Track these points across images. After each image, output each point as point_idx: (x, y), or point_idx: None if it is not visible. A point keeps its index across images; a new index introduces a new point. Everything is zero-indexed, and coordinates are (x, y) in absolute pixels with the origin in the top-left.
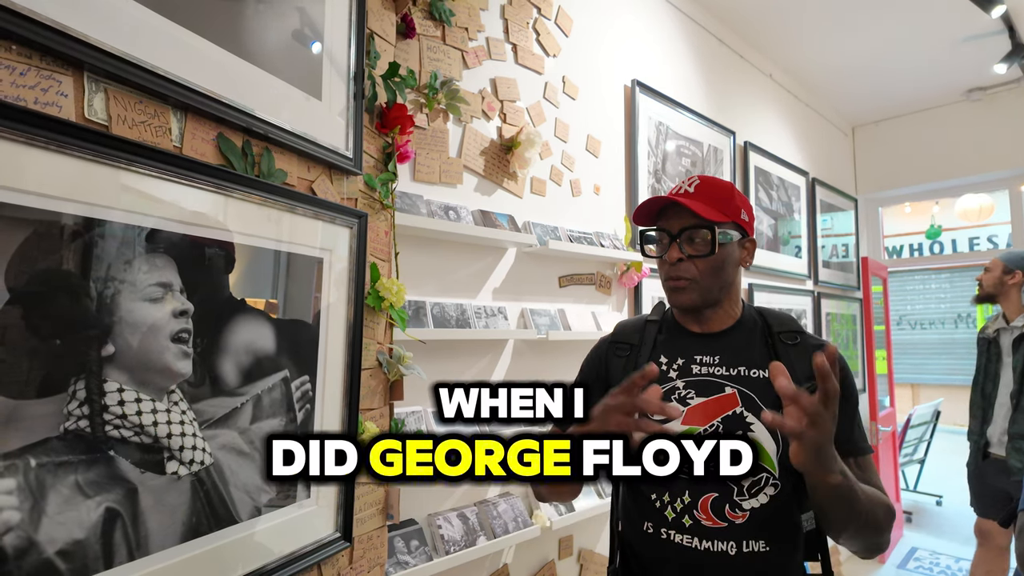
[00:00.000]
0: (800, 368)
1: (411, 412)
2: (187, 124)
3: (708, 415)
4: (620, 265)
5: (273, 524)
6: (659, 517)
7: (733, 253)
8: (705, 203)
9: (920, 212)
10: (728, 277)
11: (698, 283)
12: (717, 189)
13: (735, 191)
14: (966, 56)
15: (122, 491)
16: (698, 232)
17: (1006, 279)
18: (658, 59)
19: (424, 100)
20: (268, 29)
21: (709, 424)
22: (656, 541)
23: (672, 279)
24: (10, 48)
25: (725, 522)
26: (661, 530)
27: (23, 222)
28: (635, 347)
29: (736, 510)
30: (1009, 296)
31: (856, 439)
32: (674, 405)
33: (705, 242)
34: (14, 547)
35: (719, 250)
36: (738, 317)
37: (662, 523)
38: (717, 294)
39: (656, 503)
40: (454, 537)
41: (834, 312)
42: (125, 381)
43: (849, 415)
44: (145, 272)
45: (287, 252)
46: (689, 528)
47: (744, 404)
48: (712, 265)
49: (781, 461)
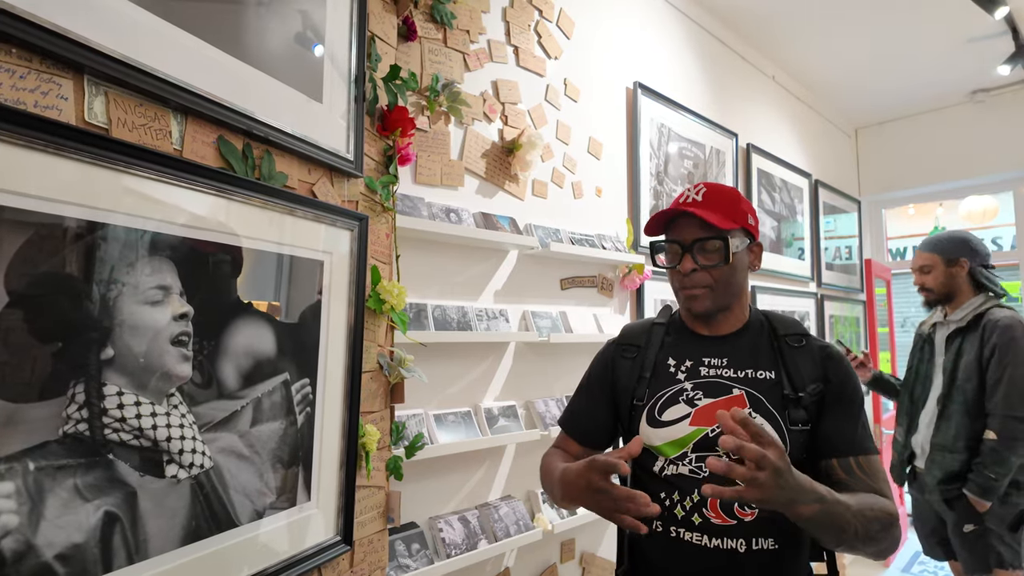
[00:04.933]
0: (806, 370)
1: (412, 415)
2: (188, 127)
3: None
4: (622, 267)
5: (273, 527)
6: (668, 516)
7: (743, 259)
8: (714, 211)
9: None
10: (740, 282)
11: (713, 291)
12: (724, 196)
13: (740, 196)
14: (970, 57)
15: (121, 495)
16: (711, 243)
17: (953, 271)
18: (660, 61)
19: (425, 102)
20: (269, 32)
21: (717, 424)
22: (665, 540)
23: (687, 288)
24: (10, 51)
25: (734, 519)
26: (671, 528)
27: (23, 225)
28: (641, 349)
29: (745, 507)
30: (962, 289)
31: (860, 439)
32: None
33: (718, 252)
34: (12, 551)
35: (732, 259)
36: (746, 320)
37: (671, 522)
38: (730, 299)
39: (666, 502)
40: (455, 540)
41: (837, 315)
42: (124, 384)
43: (853, 416)
44: (145, 275)
45: (287, 255)
46: (699, 526)
47: (752, 405)
48: (725, 275)
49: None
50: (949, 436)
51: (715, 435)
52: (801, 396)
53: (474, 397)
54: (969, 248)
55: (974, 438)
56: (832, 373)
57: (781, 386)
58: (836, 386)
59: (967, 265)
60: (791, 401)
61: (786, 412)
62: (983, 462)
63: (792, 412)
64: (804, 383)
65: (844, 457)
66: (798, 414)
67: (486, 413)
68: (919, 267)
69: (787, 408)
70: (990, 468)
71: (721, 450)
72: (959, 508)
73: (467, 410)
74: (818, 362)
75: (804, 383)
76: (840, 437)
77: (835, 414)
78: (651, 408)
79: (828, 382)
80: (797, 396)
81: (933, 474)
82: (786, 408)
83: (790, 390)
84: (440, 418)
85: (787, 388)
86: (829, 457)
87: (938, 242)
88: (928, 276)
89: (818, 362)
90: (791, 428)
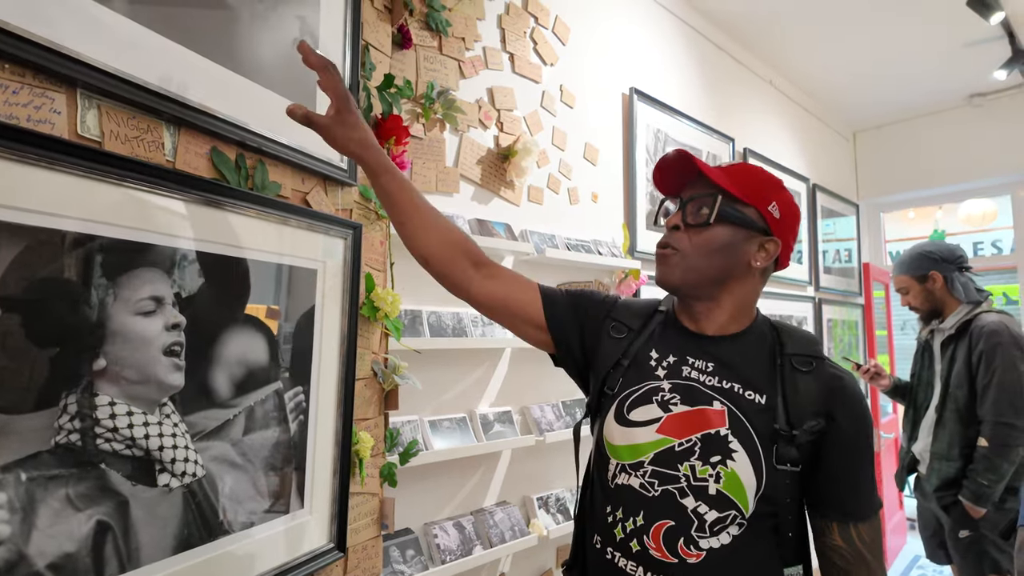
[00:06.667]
0: (807, 400)
1: (407, 421)
2: (180, 138)
3: (687, 428)
4: (618, 273)
5: (266, 535)
6: (608, 533)
7: (737, 241)
8: (729, 177)
9: (924, 217)
10: (722, 265)
11: (684, 258)
12: (751, 173)
13: (775, 183)
14: (967, 62)
15: (113, 504)
16: (704, 200)
17: (928, 287)
18: (656, 67)
19: (421, 110)
20: (262, 42)
21: (686, 439)
22: (601, 559)
23: (660, 247)
24: (3, 67)
25: (676, 558)
26: (607, 549)
27: (16, 238)
28: (633, 332)
29: (691, 547)
30: (946, 300)
31: (865, 500)
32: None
33: (704, 212)
34: (4, 560)
35: (717, 225)
36: (746, 326)
37: (609, 541)
38: (705, 283)
39: (608, 517)
40: (450, 546)
41: (836, 318)
42: (116, 394)
43: (861, 469)
44: (138, 286)
45: (280, 264)
46: (636, 555)
47: (731, 426)
48: (705, 241)
49: (760, 501)
50: (945, 444)
51: (681, 450)
52: (795, 434)
53: (469, 403)
54: (934, 260)
55: (968, 445)
56: (841, 412)
57: (773, 415)
58: (844, 430)
59: (939, 277)
60: (782, 436)
61: (773, 447)
62: (976, 469)
63: (781, 449)
64: (803, 418)
65: (845, 524)
66: (788, 452)
67: (481, 419)
68: (898, 289)
69: (776, 442)
70: (983, 475)
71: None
72: (955, 514)
73: (462, 416)
74: (824, 394)
75: (803, 418)
76: (842, 497)
77: (839, 464)
78: (621, 402)
79: (832, 420)
80: (791, 433)
81: (931, 481)
82: (774, 442)
83: (783, 424)
84: (435, 424)
85: (780, 421)
86: (827, 518)
87: (904, 262)
88: (909, 296)
89: (824, 394)
90: (777, 467)
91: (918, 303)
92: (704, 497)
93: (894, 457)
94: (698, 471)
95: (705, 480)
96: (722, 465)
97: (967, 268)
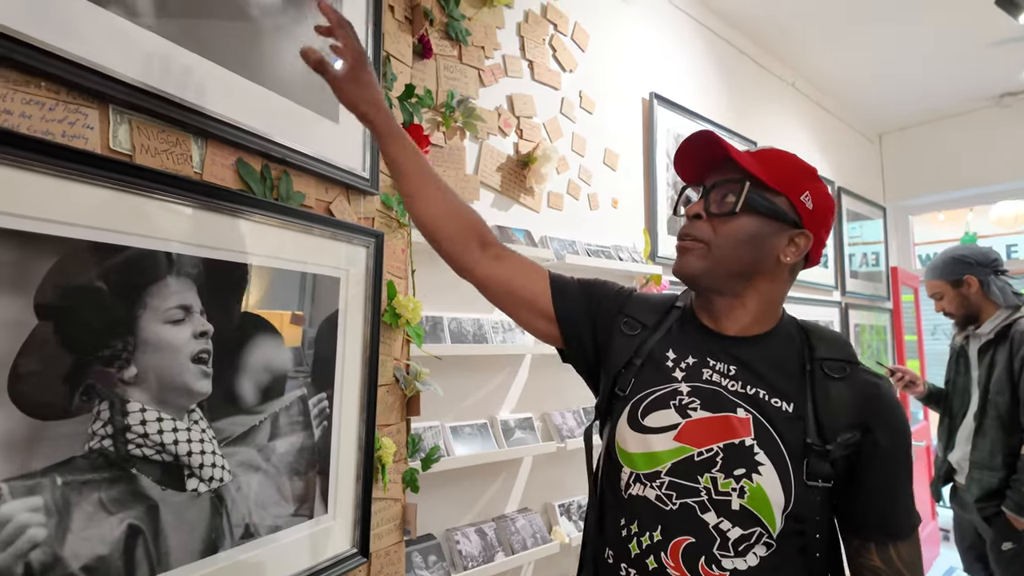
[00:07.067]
0: (841, 410)
1: (428, 427)
2: (207, 151)
3: (708, 436)
4: (639, 278)
5: (291, 540)
6: (622, 548)
7: (765, 233)
8: (759, 163)
9: (954, 219)
10: (748, 259)
11: (708, 250)
12: (782, 158)
13: (809, 171)
14: (996, 61)
15: (144, 508)
16: (730, 187)
17: (963, 291)
18: (676, 71)
19: (441, 119)
20: (285, 55)
21: (706, 448)
22: (614, 575)
23: (680, 238)
24: (40, 85)
25: None
26: (621, 565)
27: (51, 250)
28: (647, 330)
29: (713, 566)
30: (982, 305)
31: (905, 517)
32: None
33: (730, 200)
34: (40, 563)
35: (743, 214)
36: (771, 327)
37: (623, 556)
38: (729, 277)
39: (623, 531)
40: (472, 553)
41: (863, 323)
42: (147, 401)
43: (901, 485)
44: (166, 295)
45: (304, 272)
46: (652, 572)
47: (757, 436)
48: (732, 231)
49: (788, 518)
50: (986, 452)
51: (701, 460)
52: (829, 449)
53: (490, 409)
54: (968, 264)
55: (1012, 454)
56: (878, 423)
57: (803, 426)
58: (882, 444)
59: (974, 282)
60: (814, 451)
61: (804, 461)
62: (1020, 478)
63: (813, 464)
64: (836, 429)
65: (884, 544)
66: (821, 467)
67: (502, 425)
68: (931, 295)
69: (807, 456)
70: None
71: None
72: (997, 525)
73: (483, 422)
74: (860, 403)
75: (836, 429)
76: (881, 515)
77: (877, 481)
78: (635, 405)
79: (869, 432)
80: (824, 448)
81: (972, 492)
82: (806, 456)
83: (815, 438)
84: (456, 430)
85: (811, 434)
86: (865, 538)
87: (937, 267)
88: (943, 302)
89: (860, 403)
90: (808, 483)
91: (953, 308)
92: (727, 512)
93: (926, 466)
94: (720, 484)
95: (728, 494)
96: (747, 479)
97: (1003, 271)
